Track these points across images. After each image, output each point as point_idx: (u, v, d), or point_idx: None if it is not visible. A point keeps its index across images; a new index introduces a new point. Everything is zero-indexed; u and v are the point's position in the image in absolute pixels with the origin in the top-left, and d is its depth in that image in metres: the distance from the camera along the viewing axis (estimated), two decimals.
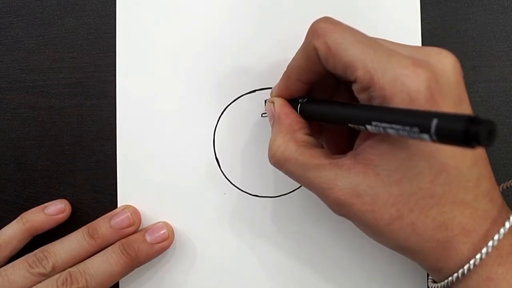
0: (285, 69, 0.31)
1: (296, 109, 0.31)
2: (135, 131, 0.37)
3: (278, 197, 0.37)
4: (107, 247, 0.35)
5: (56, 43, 0.38)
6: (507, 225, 0.26)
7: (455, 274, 0.26)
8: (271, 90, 0.33)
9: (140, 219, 0.37)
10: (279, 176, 0.36)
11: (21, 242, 0.36)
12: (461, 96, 0.26)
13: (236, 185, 0.37)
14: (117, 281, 0.35)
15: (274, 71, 0.35)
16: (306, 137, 0.29)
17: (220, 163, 0.37)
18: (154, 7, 0.37)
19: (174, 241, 0.37)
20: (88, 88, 0.38)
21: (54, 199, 0.38)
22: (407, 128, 0.21)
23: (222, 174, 0.37)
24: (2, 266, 0.35)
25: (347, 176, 0.26)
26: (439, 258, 0.26)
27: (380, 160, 0.25)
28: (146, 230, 0.36)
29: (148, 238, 0.35)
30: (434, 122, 0.20)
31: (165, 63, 0.37)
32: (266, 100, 0.33)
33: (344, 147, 0.32)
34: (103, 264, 0.34)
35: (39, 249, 0.35)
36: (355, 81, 0.26)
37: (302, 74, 0.30)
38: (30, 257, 0.34)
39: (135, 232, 0.36)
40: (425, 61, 0.25)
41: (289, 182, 0.33)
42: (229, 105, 0.37)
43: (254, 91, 0.37)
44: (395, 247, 0.27)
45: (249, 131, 0.37)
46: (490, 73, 0.36)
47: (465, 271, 0.26)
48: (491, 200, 0.26)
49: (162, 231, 0.36)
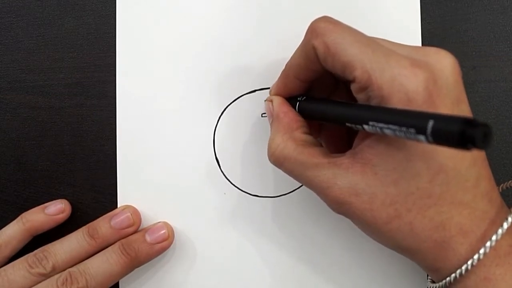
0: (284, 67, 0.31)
1: (294, 107, 0.31)
2: (135, 131, 0.37)
3: (278, 197, 0.37)
4: (107, 247, 0.35)
5: (56, 43, 0.39)
6: (505, 225, 0.26)
7: (453, 275, 0.26)
8: (270, 88, 0.33)
9: (140, 219, 0.37)
10: (279, 176, 0.36)
11: (21, 242, 0.36)
12: (459, 97, 0.26)
13: (236, 185, 0.37)
14: (117, 281, 0.35)
15: (274, 71, 0.35)
16: (304, 136, 0.29)
17: (220, 163, 0.37)
18: (154, 7, 0.37)
19: (174, 241, 0.37)
20: (88, 88, 0.38)
21: (54, 199, 0.38)
22: (403, 129, 0.21)
23: (222, 174, 0.37)
24: (2, 266, 0.35)
25: (346, 175, 0.26)
26: (436, 258, 0.26)
27: (378, 160, 0.25)
28: (146, 230, 0.36)
29: (148, 238, 0.35)
30: (430, 123, 0.20)
31: (165, 63, 0.37)
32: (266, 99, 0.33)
33: (343, 146, 0.32)
34: (103, 264, 0.34)
35: (39, 249, 0.35)
36: (353, 80, 0.26)
37: (300, 73, 0.30)
38: (30, 257, 0.34)
39: (135, 232, 0.36)
40: (424, 61, 0.25)
41: (289, 182, 0.33)
42: (229, 105, 0.37)
43: (254, 91, 0.37)
44: (393, 247, 0.27)
45: (249, 131, 0.37)
46: (490, 73, 0.36)
47: (463, 272, 0.26)
48: (490, 201, 0.26)
49: (162, 231, 0.36)
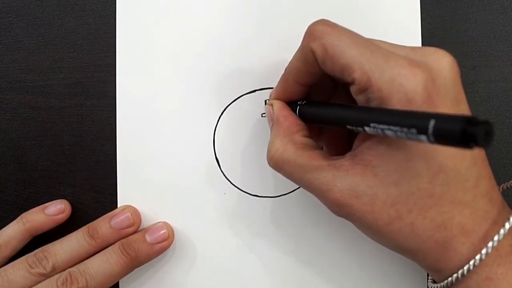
0: (283, 71, 0.31)
1: (295, 112, 0.31)
2: (135, 131, 0.37)
3: (278, 197, 0.37)
4: (107, 247, 0.35)
5: (56, 43, 0.38)
6: (507, 225, 0.26)
7: (455, 275, 0.26)
8: (270, 93, 0.33)
9: (140, 219, 0.37)
10: (279, 176, 0.35)
11: (21, 242, 0.36)
12: (458, 96, 0.26)
13: (236, 185, 0.37)
14: (117, 281, 0.35)
15: (274, 71, 0.35)
16: (304, 139, 0.29)
17: (220, 163, 0.37)
18: (154, 7, 0.37)
19: (174, 241, 0.37)
20: (88, 88, 0.38)
21: (54, 199, 0.38)
22: (404, 129, 0.21)
23: (222, 174, 0.37)
24: (2, 266, 0.35)
25: (346, 177, 0.26)
26: (438, 259, 0.26)
27: (379, 161, 0.25)
28: (146, 230, 0.36)
29: (148, 238, 0.35)
30: (432, 123, 0.20)
31: (165, 63, 0.37)
32: (266, 100, 0.33)
33: (343, 149, 0.32)
34: (103, 264, 0.34)
35: (39, 249, 0.35)
36: (352, 82, 0.26)
37: (300, 77, 0.30)
38: (30, 257, 0.34)
39: (135, 232, 0.36)
40: (422, 61, 0.25)
41: (289, 182, 0.33)
42: (229, 105, 0.37)
43: (254, 91, 0.37)
44: (395, 248, 0.27)
45: (249, 131, 0.37)
46: (490, 73, 0.36)
47: (465, 272, 0.26)
48: (490, 200, 0.26)
49: (162, 231, 0.36)
